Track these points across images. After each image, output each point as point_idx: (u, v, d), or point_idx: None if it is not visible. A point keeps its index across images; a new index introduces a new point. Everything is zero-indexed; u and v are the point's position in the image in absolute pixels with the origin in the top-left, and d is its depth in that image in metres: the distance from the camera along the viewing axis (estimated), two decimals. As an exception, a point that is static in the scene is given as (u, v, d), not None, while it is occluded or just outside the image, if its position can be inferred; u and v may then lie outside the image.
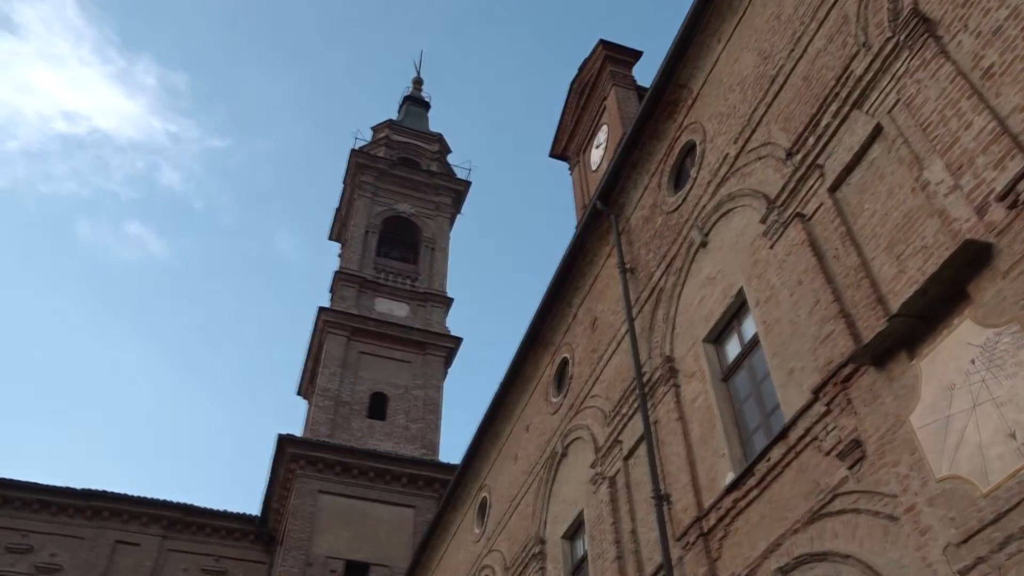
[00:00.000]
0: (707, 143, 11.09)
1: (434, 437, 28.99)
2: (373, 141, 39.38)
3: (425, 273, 34.12)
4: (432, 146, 40.42)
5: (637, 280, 12.31)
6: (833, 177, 8.19)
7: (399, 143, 39.58)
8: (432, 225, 36.13)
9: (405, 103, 45.37)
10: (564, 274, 14.69)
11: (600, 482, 12.12)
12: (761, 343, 8.96)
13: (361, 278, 32.33)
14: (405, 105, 45.16)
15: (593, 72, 16.95)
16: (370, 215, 35.17)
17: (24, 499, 26.31)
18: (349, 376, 29.32)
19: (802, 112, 8.90)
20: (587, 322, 14.14)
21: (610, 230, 13.49)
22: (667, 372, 10.71)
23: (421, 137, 40.96)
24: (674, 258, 11.28)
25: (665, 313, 11.23)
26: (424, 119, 44.65)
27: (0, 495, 26.12)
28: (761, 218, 9.27)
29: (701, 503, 9.38)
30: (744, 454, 9.11)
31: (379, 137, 39.62)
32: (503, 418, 17.26)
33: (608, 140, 16.06)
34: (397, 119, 42.79)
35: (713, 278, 10.25)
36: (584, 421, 13.29)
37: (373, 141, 39.38)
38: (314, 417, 28.15)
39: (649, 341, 11.50)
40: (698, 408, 9.99)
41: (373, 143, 39.14)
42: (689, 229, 10.99)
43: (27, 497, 26.33)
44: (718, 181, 10.49)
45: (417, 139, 40.58)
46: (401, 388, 29.84)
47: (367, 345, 30.38)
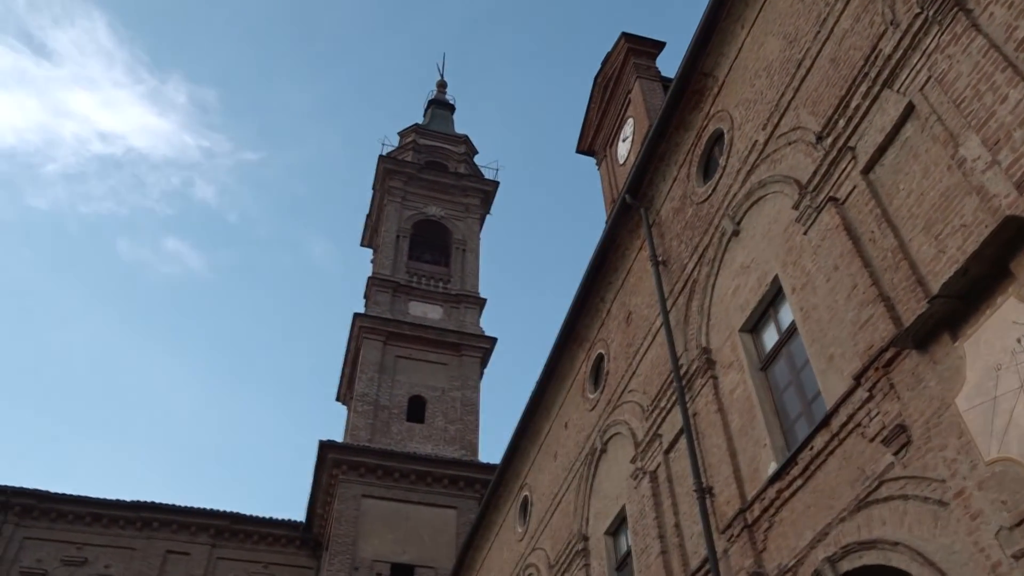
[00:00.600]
0: (735, 131, 10.99)
1: (473, 438, 29.10)
2: (400, 146, 39.65)
3: (457, 275, 34.26)
4: (459, 148, 40.56)
5: (670, 272, 12.25)
6: (866, 159, 8.07)
7: (426, 147, 39.79)
8: (462, 227, 36.27)
9: (430, 107, 45.59)
10: (596, 269, 14.66)
11: (641, 477, 12.08)
12: (799, 330, 8.86)
13: (394, 283, 32.57)
14: (430, 108, 45.38)
15: (616, 65, 16.87)
16: (400, 220, 35.41)
17: (77, 512, 26.98)
18: (386, 380, 29.55)
19: (831, 94, 8.78)
20: (621, 317, 14.08)
21: (640, 223, 13.44)
22: (704, 364, 10.66)
23: (447, 140, 41.13)
24: (706, 248, 11.21)
25: (700, 304, 11.17)
26: (450, 121, 44.82)
27: (55, 509, 26.82)
28: (794, 204, 9.17)
29: (744, 494, 9.31)
30: (786, 443, 9.02)
31: (406, 142, 39.87)
32: (541, 416, 17.27)
33: (634, 133, 15.98)
34: (423, 123, 43.02)
35: (747, 267, 10.16)
36: (622, 416, 13.25)
37: (400, 146, 39.65)
38: (354, 422, 28.42)
39: (684, 333, 11.45)
40: (737, 399, 9.92)
41: (400, 148, 39.41)
42: (720, 218, 10.92)
43: (80, 511, 26.99)
44: (748, 169, 10.39)
45: (443, 142, 40.75)
46: (438, 390, 29.99)
47: (403, 349, 30.59)
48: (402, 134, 40.81)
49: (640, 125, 15.62)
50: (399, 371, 30.04)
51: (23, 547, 26.14)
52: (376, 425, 28.29)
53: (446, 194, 37.16)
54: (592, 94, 17.89)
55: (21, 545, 26.14)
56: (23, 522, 26.47)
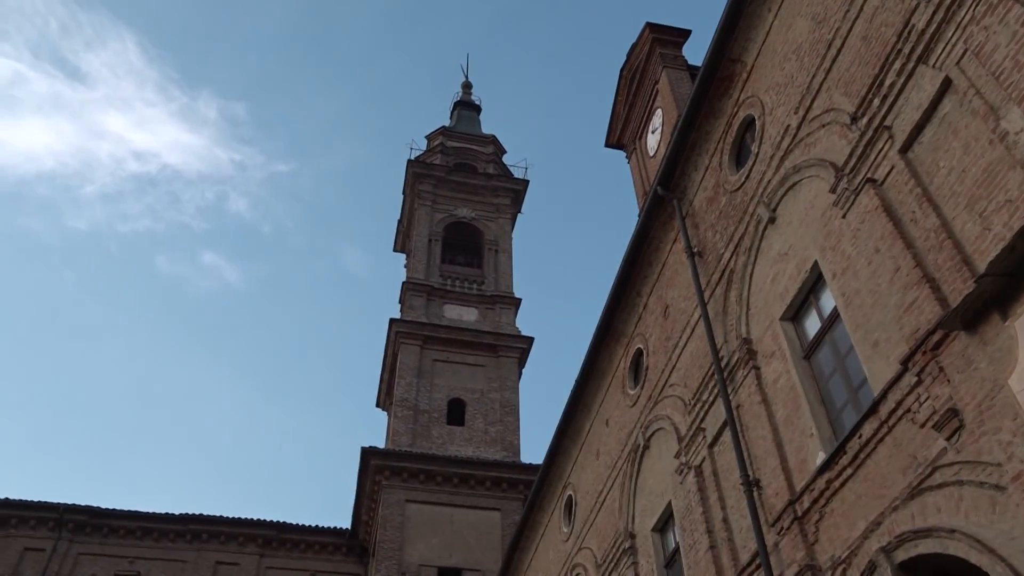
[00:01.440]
0: (766, 116, 10.89)
1: (514, 439, 29.16)
2: (428, 149, 39.89)
3: (491, 276, 34.36)
4: (487, 148, 40.67)
5: (706, 263, 12.18)
6: (903, 137, 7.94)
7: (454, 148, 39.98)
8: (493, 227, 36.36)
9: (456, 108, 45.79)
10: (631, 264, 14.62)
11: (686, 472, 12.03)
12: (842, 316, 8.76)
13: (428, 286, 32.78)
14: (456, 110, 45.59)
15: (642, 56, 16.79)
16: (432, 223, 35.62)
17: (128, 527, 27.62)
18: (425, 384, 29.75)
19: (864, 74, 8.65)
20: (658, 311, 14.03)
21: (674, 215, 13.37)
22: (745, 354, 10.59)
23: (475, 140, 41.27)
24: (742, 237, 11.13)
25: (738, 294, 11.09)
26: (476, 122, 44.97)
27: (106, 525, 27.49)
28: (830, 187, 9.06)
29: (793, 486, 9.23)
30: (834, 432, 8.92)
31: (434, 145, 40.10)
32: (582, 414, 17.26)
33: (663, 124, 15.90)
34: (450, 125, 43.24)
35: (785, 254, 10.07)
36: (664, 411, 13.20)
37: (428, 149, 39.89)
38: (395, 428, 28.67)
39: (724, 324, 11.38)
40: (781, 389, 9.83)
41: (428, 151, 39.65)
42: (755, 206, 10.83)
43: (130, 525, 27.63)
44: (781, 154, 10.30)
45: (471, 143, 40.91)
46: (477, 392, 30.12)
47: (440, 352, 30.76)
48: (429, 137, 41.06)
49: (669, 115, 15.53)
50: (437, 375, 30.22)
51: (78, 563, 26.84)
52: (417, 430, 28.50)
53: (476, 195, 37.30)
54: (619, 87, 17.82)
55: (76, 561, 26.85)
56: (76, 538, 27.17)
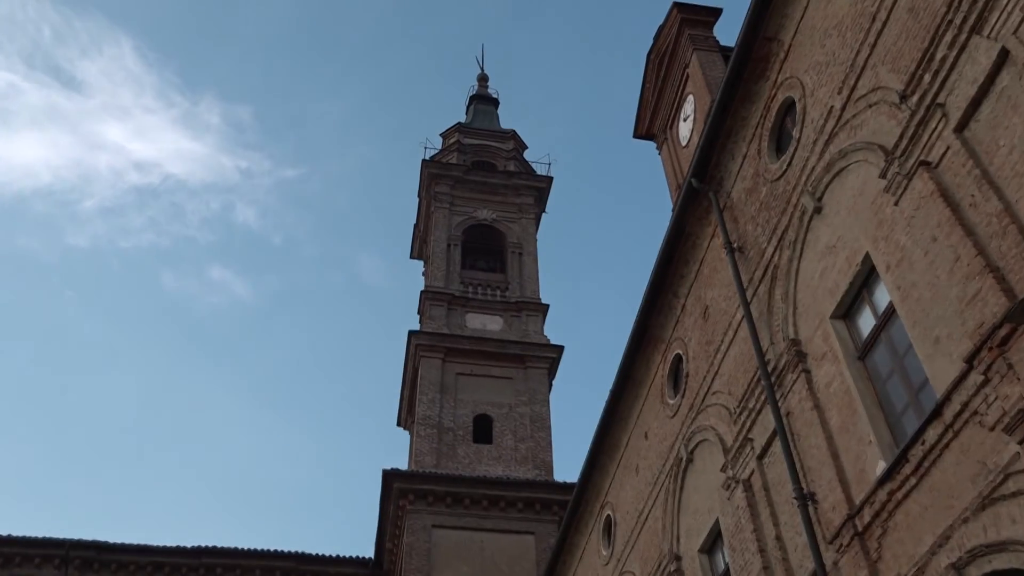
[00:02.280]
0: (807, 98, 10.86)
1: (546, 456, 29.15)
2: (444, 148, 40.09)
3: (515, 281, 34.41)
4: (506, 145, 40.79)
5: (747, 259, 12.16)
6: (958, 115, 7.88)
7: (471, 146, 40.14)
8: (516, 229, 36.42)
9: (472, 103, 45.98)
10: (666, 263, 14.61)
11: (734, 486, 11.99)
12: (898, 312, 8.72)
13: (448, 295, 32.90)
14: (472, 105, 45.77)
15: (670, 39, 16.79)
16: (450, 227, 35.76)
17: (138, 562, 27.90)
18: (448, 400, 29.85)
19: (912, 48, 8.60)
20: (697, 312, 14.01)
21: (710, 208, 13.37)
22: (794, 357, 10.57)
23: (493, 136, 41.41)
24: (786, 230, 11.11)
25: (783, 292, 11.07)
26: (494, 117, 45.12)
27: (114, 560, 27.80)
28: (880, 172, 9.02)
29: (851, 499, 9.19)
30: (894, 439, 8.87)
31: (449, 143, 40.29)
32: (618, 427, 17.25)
33: (696, 111, 15.90)
34: (466, 121, 43.40)
35: (833, 246, 10.04)
36: (707, 421, 13.18)
37: (444, 148, 40.09)
38: (417, 447, 28.78)
39: (769, 325, 11.35)
40: (834, 393, 9.80)
41: (444, 150, 39.84)
42: (799, 196, 10.81)
43: (140, 560, 27.91)
44: (825, 138, 10.28)
45: (489, 139, 41.05)
46: (505, 407, 30.15)
47: (463, 365, 30.85)
48: (444, 135, 41.27)
49: (701, 101, 15.53)
50: (461, 389, 30.31)
51: (87, 601, 27.17)
52: (441, 449, 28.59)
53: (497, 195, 37.39)
54: (646, 73, 17.83)
55: (85, 599, 27.18)
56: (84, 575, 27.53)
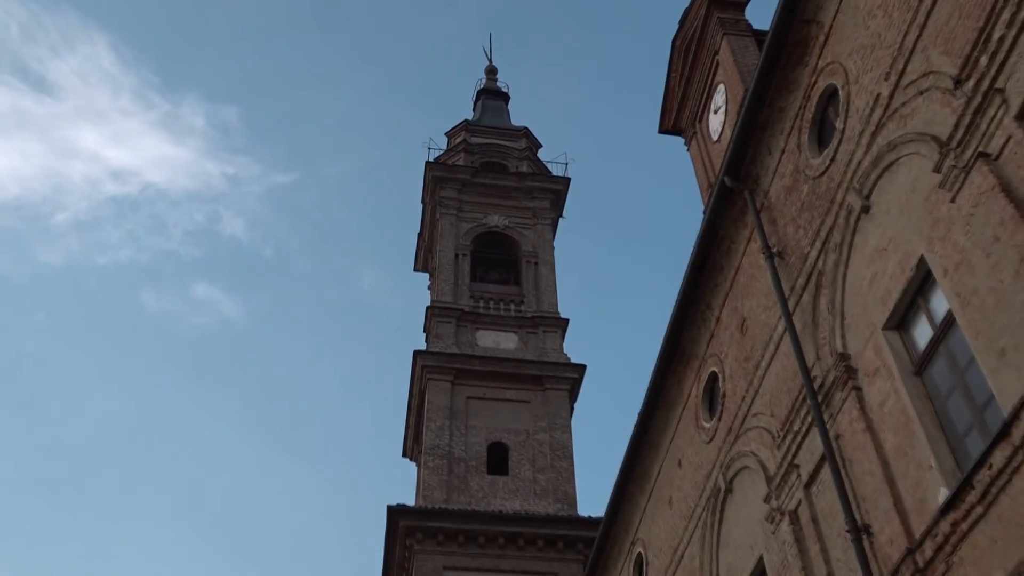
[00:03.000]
0: (851, 85, 10.90)
1: (569, 488, 29.08)
2: (450, 148, 40.28)
3: (531, 294, 34.44)
4: (518, 143, 40.94)
5: (788, 265, 12.18)
6: (1019, 101, 7.88)
7: (480, 146, 40.31)
8: (531, 236, 36.49)
9: (480, 98, 46.21)
10: (698, 270, 14.64)
11: (779, 519, 11.96)
12: (958, 322, 8.70)
13: (457, 310, 32.96)
14: (480, 100, 46.00)
15: (697, 23, 16.85)
16: (458, 235, 35.88)
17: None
18: (459, 427, 29.85)
19: (967, 27, 8.60)
20: (734, 325, 14.01)
21: (746, 209, 13.41)
22: (843, 373, 10.57)
23: (504, 134, 41.59)
24: (831, 232, 11.12)
25: (829, 301, 11.08)
26: (504, 113, 45.34)
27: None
28: (934, 166, 9.02)
29: (911, 531, 9.15)
30: (957, 463, 8.83)
31: (456, 143, 40.48)
32: (649, 454, 17.23)
33: (728, 101, 15.96)
34: (473, 118, 43.62)
35: (884, 249, 10.05)
36: (748, 446, 13.17)
37: (450, 148, 40.28)
38: (426, 480, 28.79)
39: (815, 338, 11.35)
40: (889, 413, 9.78)
41: (450, 151, 40.03)
42: (844, 193, 10.83)
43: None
44: (872, 129, 10.30)
45: (500, 137, 41.23)
46: (522, 434, 30.13)
47: (475, 388, 30.88)
48: (450, 134, 41.48)
49: (734, 91, 15.59)
50: (473, 415, 30.31)
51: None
52: (452, 482, 28.58)
53: (509, 199, 37.49)
54: (671, 61, 17.90)
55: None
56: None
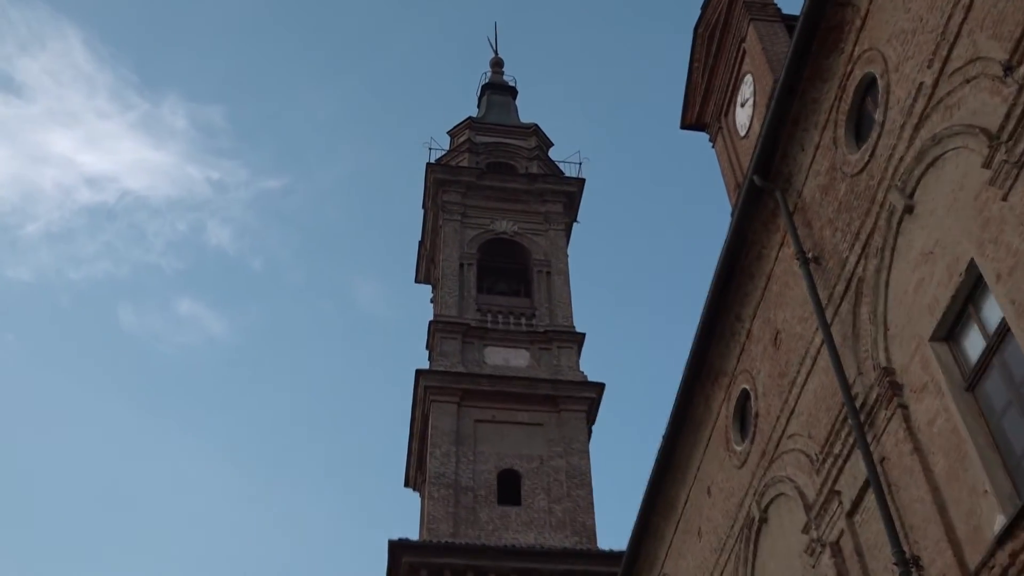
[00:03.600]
0: (890, 74, 10.89)
1: (587, 519, 29.03)
2: (453, 148, 40.38)
3: (543, 306, 34.45)
4: (527, 141, 41.04)
5: (825, 272, 12.18)
6: (1077, 88, 7.85)
7: (485, 145, 40.41)
8: (543, 243, 36.53)
9: (485, 93, 46.38)
10: (726, 279, 14.64)
11: (819, 551, 11.94)
12: (1013, 332, 8.66)
13: (463, 325, 32.99)
14: (485, 95, 46.16)
15: (722, 8, 16.90)
16: (462, 243, 35.94)
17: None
18: (466, 453, 29.83)
19: (1016, 9, 8.60)
20: (766, 338, 14.01)
21: (778, 211, 13.41)
22: (887, 389, 10.54)
23: (512, 132, 41.70)
24: (871, 234, 11.12)
25: (871, 310, 11.07)
26: (511, 109, 45.47)
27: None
28: (984, 161, 8.99)
29: (965, 563, 9.11)
30: (1015, 487, 8.80)
31: (459, 142, 40.59)
32: (674, 481, 17.21)
33: (756, 93, 16.00)
34: (478, 115, 43.76)
35: (930, 253, 10.03)
36: (783, 471, 13.15)
37: (453, 148, 40.38)
38: (430, 512, 28.76)
39: (855, 351, 11.34)
40: (939, 432, 9.75)
41: (453, 151, 40.13)
42: (886, 192, 10.82)
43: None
44: (915, 122, 10.29)
45: (507, 136, 41.34)
46: (535, 460, 30.09)
47: (484, 410, 30.87)
48: (453, 133, 41.60)
49: (762, 82, 15.63)
50: (482, 440, 30.29)
51: None
52: (459, 513, 28.54)
53: (518, 202, 37.56)
54: (694, 50, 17.94)
55: None
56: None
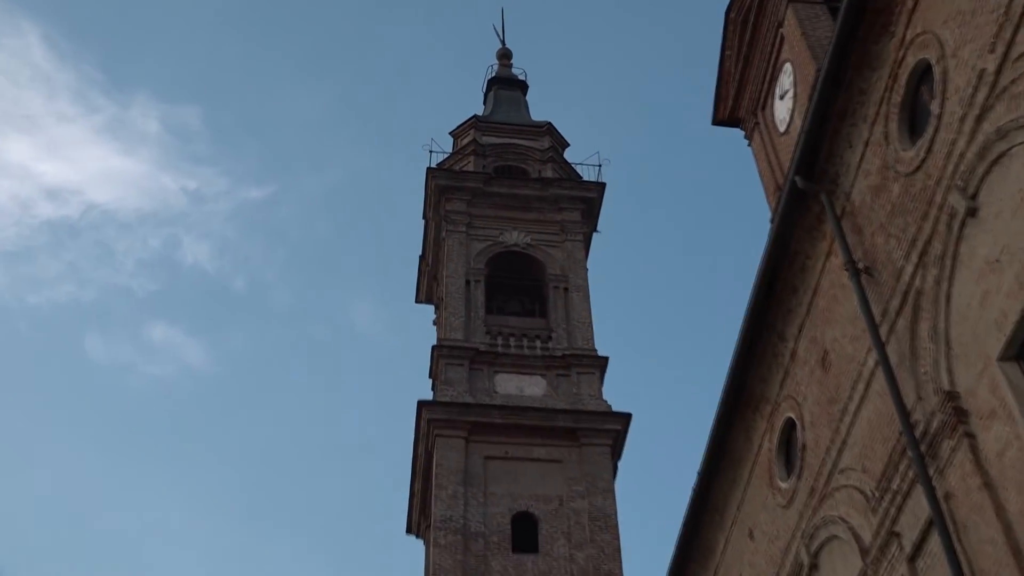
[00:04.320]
0: (947, 60, 10.89)
1: (613, 567, 28.90)
2: (456, 151, 40.42)
3: (560, 327, 34.38)
4: (540, 142, 41.05)
5: (879, 284, 12.17)
6: None
7: (493, 147, 40.42)
8: (559, 255, 36.47)
9: (492, 88, 46.45)
10: (766, 294, 14.64)
11: (877, 601, 11.83)
12: (1092, 348, 8.60)
13: (470, 350, 32.93)
14: (492, 91, 46.23)
15: (756, -11, 16.91)
16: (469, 257, 35.90)
17: None
18: (476, 495, 29.73)
19: (1090, -17, 8.59)
20: (813, 359, 13.98)
21: (824, 216, 13.41)
22: (951, 416, 10.49)
23: (522, 132, 41.74)
24: (929, 241, 11.10)
25: (931, 327, 11.04)
26: (522, 106, 45.54)
27: None
28: (1056, 156, 8.98)
29: (1043, 611, 9.00)
30: (1099, 525, 8.70)
31: (464, 144, 40.62)
32: (712, 523, 17.19)
33: (796, 84, 16.03)
34: (484, 113, 43.81)
35: (996, 261, 10.00)
36: (835, 511, 13.10)
37: (456, 151, 40.42)
38: (436, 561, 28.65)
39: (914, 373, 11.31)
40: (1010, 464, 9.68)
41: (457, 154, 40.16)
42: (945, 193, 10.80)
43: None
44: (976, 113, 10.27)
45: (517, 136, 41.38)
46: (554, 501, 29.98)
47: (495, 446, 30.79)
48: (456, 133, 41.66)
49: (803, 71, 15.66)
50: (493, 479, 30.21)
51: None
52: (468, 563, 28.44)
53: (530, 210, 37.53)
54: (725, 36, 17.97)
55: None
56: None
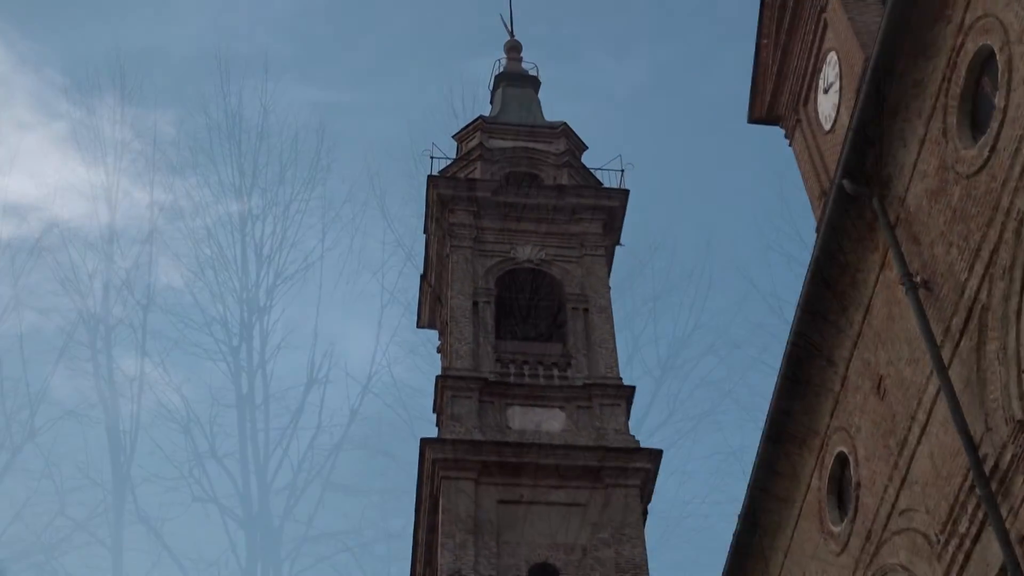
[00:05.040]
0: (1012, 46, 10.92)
1: (645, 624, 28.75)
2: (461, 157, 40.34)
3: (580, 353, 34.19)
4: (555, 145, 40.93)
5: (940, 300, 12.19)
6: None
7: (502, 151, 40.32)
8: (577, 272, 36.32)
9: (500, 85, 46.39)
10: (812, 312, 14.68)
11: (945, 658, 11.80)
12: None
13: (479, 380, 32.77)
14: (500, 88, 46.18)
15: (795, -30, 16.97)
16: (476, 275, 35.78)
17: None
18: (488, 544, 29.60)
19: None
20: (867, 386, 13.98)
21: (876, 224, 13.45)
22: (1024, 449, 10.43)
23: (534, 134, 41.66)
24: (995, 250, 11.13)
25: (999, 347, 11.06)
26: (534, 104, 45.45)
27: None
28: None
29: None
30: None
31: (469, 148, 40.54)
32: (756, 572, 17.24)
33: (842, 76, 16.04)
34: (491, 114, 43.76)
35: (1072, 271, 9.98)
36: (896, 557, 13.11)
37: (461, 157, 40.34)
38: (444, 620, 28.58)
39: (982, 399, 11.32)
40: (1093, 502, 9.64)
41: (461, 159, 40.07)
42: (1012, 196, 10.83)
43: None
44: (1047, 105, 10.29)
45: (529, 138, 41.30)
46: (576, 551, 29.82)
47: (509, 488, 30.64)
48: (460, 137, 41.62)
49: (850, 62, 15.67)
50: (507, 526, 30.06)
51: None
52: (481, 621, 28.32)
53: (544, 222, 37.36)
54: (761, 24, 18.00)
55: None
56: None
